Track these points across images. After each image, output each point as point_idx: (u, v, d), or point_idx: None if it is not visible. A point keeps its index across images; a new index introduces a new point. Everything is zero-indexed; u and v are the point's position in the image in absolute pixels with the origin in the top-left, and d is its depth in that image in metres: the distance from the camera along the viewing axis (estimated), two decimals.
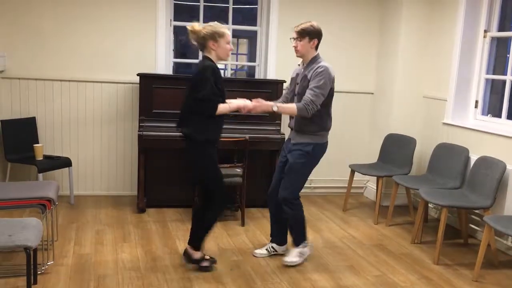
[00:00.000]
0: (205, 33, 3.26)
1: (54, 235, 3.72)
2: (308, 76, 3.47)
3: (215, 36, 3.26)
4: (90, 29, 4.88)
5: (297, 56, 3.59)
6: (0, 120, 4.61)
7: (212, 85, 3.19)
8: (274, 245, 3.82)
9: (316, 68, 3.45)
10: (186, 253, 3.51)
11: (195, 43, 3.33)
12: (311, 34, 3.49)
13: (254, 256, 3.80)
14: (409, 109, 5.26)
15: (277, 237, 3.82)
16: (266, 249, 3.83)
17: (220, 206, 3.50)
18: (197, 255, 3.47)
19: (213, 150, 3.38)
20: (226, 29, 3.31)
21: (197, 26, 3.30)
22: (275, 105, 3.46)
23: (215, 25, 3.31)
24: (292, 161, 3.57)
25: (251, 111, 3.44)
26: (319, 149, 3.59)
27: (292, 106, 3.45)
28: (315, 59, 3.53)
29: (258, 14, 5.39)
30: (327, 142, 3.63)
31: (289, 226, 3.73)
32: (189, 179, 3.61)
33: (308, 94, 3.40)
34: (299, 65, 3.68)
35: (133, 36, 4.97)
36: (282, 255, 3.76)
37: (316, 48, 3.56)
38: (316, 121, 3.50)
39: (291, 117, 3.66)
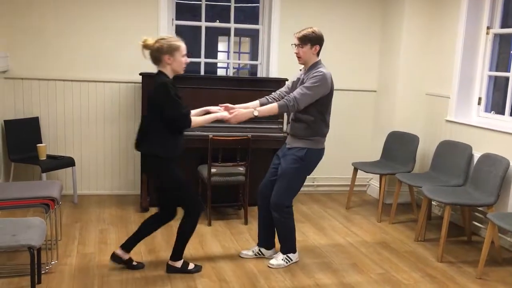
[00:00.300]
0: (159, 47, 3.13)
1: (57, 234, 3.74)
2: (305, 81, 3.45)
3: (170, 49, 3.13)
4: (92, 28, 4.89)
5: (300, 63, 3.55)
6: (3, 120, 4.63)
7: (177, 101, 3.12)
8: (263, 249, 3.77)
9: (314, 73, 3.42)
10: (168, 266, 3.44)
11: (148, 57, 3.19)
12: (313, 41, 3.45)
13: (240, 256, 3.77)
14: (412, 106, 5.24)
15: (265, 241, 3.77)
16: (253, 251, 3.79)
17: (196, 214, 3.36)
18: (179, 263, 3.42)
19: (174, 164, 3.27)
20: (181, 42, 3.20)
21: (149, 40, 3.17)
22: (255, 110, 3.40)
23: (169, 38, 3.21)
24: (285, 166, 3.52)
25: (230, 122, 3.40)
26: (313, 155, 3.53)
27: (273, 106, 3.41)
28: (315, 65, 3.49)
29: (260, 12, 5.38)
30: (323, 149, 3.58)
31: (277, 232, 3.68)
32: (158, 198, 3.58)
33: (295, 92, 3.39)
34: (300, 70, 3.64)
35: (135, 36, 4.88)
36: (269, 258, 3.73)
37: (318, 54, 3.51)
38: (310, 125, 3.46)
39: (288, 122, 3.61)
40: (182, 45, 3.20)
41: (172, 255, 3.43)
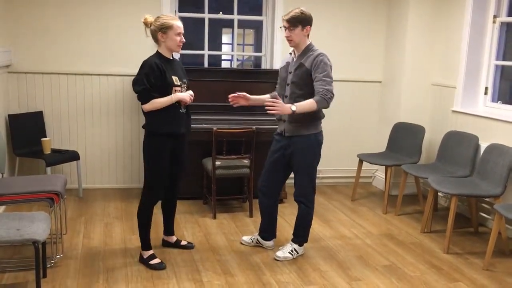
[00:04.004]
0: (154, 25, 3.26)
1: (63, 228, 3.74)
2: (306, 64, 3.36)
3: (163, 27, 3.23)
4: (95, 22, 4.87)
5: (291, 46, 3.47)
6: (7, 115, 4.62)
7: (140, 77, 3.20)
8: (260, 239, 3.79)
9: (316, 57, 3.34)
10: (140, 255, 3.47)
11: (149, 35, 3.32)
12: (303, 22, 3.36)
13: (240, 243, 3.83)
14: (417, 97, 5.20)
15: (266, 232, 3.78)
16: (251, 239, 3.83)
17: (148, 197, 3.41)
18: (146, 254, 3.42)
19: (160, 143, 3.30)
20: (176, 21, 3.27)
21: (149, 18, 3.29)
22: (293, 105, 3.28)
23: (165, 17, 3.30)
24: (301, 160, 3.47)
25: (277, 113, 3.32)
26: (320, 138, 3.51)
27: (311, 102, 3.28)
28: (309, 48, 3.42)
29: (264, 4, 5.34)
30: (322, 130, 3.55)
31: (297, 223, 3.67)
32: None
33: (320, 85, 3.29)
34: (290, 53, 3.56)
35: (137, 28, 4.90)
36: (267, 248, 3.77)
37: (308, 35, 3.44)
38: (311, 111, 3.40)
39: None
40: (175, 23, 3.25)
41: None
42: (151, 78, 3.20)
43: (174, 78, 3.30)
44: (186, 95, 3.33)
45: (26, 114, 4.75)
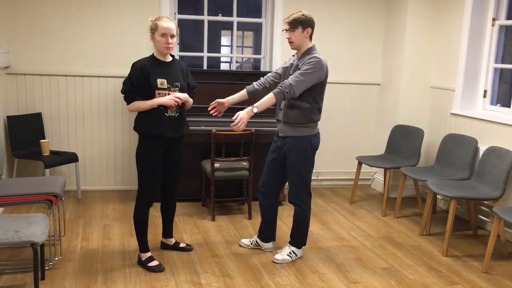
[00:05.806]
0: (149, 26, 3.28)
1: (61, 230, 3.73)
2: (300, 66, 3.38)
3: (151, 28, 3.25)
4: (94, 23, 4.87)
5: (292, 48, 3.48)
6: (6, 116, 4.61)
7: (127, 82, 3.25)
8: (259, 240, 3.79)
9: (309, 58, 3.35)
10: (138, 257, 3.48)
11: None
12: (304, 24, 3.38)
13: (239, 245, 3.83)
14: (416, 99, 5.20)
15: (265, 234, 3.78)
16: (250, 242, 3.83)
17: (141, 200, 3.41)
18: (144, 256, 3.42)
19: (148, 144, 3.30)
20: (165, 22, 3.22)
21: (151, 19, 3.32)
22: (254, 107, 3.27)
23: (157, 18, 3.28)
24: (294, 161, 3.48)
25: (238, 130, 3.27)
26: (314, 140, 3.50)
27: (270, 96, 3.30)
28: (310, 51, 3.42)
29: (263, 6, 5.34)
30: (318, 133, 3.55)
31: (294, 225, 3.66)
32: None
33: (290, 79, 3.30)
34: (293, 55, 3.58)
35: (137, 30, 4.93)
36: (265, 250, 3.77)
37: (311, 38, 3.45)
38: (306, 112, 3.41)
39: (279, 109, 3.54)
40: (161, 24, 3.21)
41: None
42: (133, 80, 3.23)
43: (160, 81, 3.23)
44: (168, 99, 3.22)
45: (25, 116, 4.74)
